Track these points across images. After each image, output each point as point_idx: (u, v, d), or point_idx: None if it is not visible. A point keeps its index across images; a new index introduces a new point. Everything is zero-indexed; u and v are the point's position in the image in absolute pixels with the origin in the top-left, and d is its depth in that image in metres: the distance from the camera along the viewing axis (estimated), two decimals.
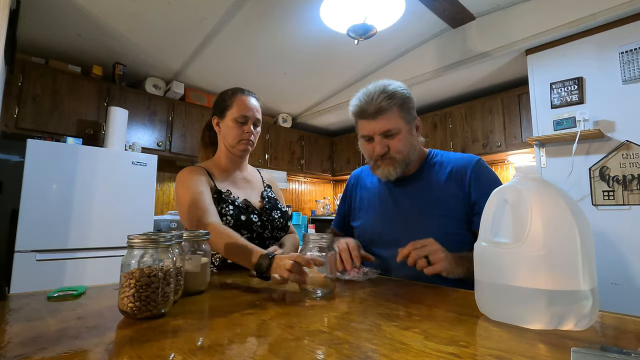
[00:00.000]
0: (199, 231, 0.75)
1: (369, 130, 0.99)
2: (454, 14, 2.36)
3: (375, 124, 0.97)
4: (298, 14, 2.34)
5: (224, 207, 1.10)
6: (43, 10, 2.17)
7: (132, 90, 2.90)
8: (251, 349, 0.42)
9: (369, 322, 0.53)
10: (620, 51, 1.96)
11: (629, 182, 1.89)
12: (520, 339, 0.46)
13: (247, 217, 1.11)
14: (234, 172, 1.24)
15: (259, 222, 1.14)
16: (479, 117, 2.97)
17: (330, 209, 4.55)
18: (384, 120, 0.96)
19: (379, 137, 0.98)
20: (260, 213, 1.16)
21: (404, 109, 0.98)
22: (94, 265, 2.26)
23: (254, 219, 1.13)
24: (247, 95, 1.21)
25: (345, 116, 3.86)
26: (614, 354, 0.31)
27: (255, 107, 1.21)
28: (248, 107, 1.18)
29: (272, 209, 1.19)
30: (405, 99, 0.99)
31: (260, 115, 1.22)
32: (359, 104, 0.99)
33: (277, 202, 1.25)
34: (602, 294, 1.92)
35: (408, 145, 1.00)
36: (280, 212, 1.22)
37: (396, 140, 0.98)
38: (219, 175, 1.19)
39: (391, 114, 0.96)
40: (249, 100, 1.20)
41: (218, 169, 1.21)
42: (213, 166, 1.21)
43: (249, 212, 1.13)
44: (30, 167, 2.12)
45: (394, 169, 0.99)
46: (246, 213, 1.12)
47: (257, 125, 1.22)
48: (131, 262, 0.55)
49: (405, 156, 1.00)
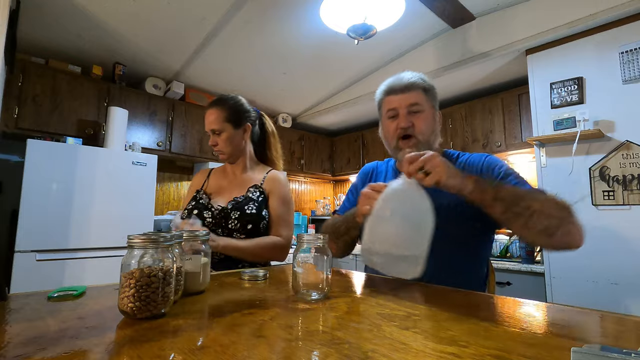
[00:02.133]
0: (199, 231, 0.76)
1: (396, 103, 1.00)
2: (454, 14, 2.36)
3: (402, 96, 1.00)
4: (298, 14, 2.33)
5: (190, 203, 1.29)
6: (43, 10, 2.17)
7: (132, 90, 2.90)
8: (251, 349, 0.42)
9: (369, 322, 0.53)
10: (620, 51, 1.96)
11: (629, 182, 1.89)
12: (520, 339, 0.46)
13: (199, 212, 1.23)
14: (232, 172, 1.37)
15: (211, 219, 1.22)
16: (479, 117, 2.97)
17: (330, 209, 4.55)
18: (413, 94, 0.99)
19: (405, 111, 0.99)
20: (216, 212, 1.23)
21: (429, 94, 1.03)
22: (94, 265, 2.26)
23: (206, 215, 1.23)
24: (207, 108, 1.30)
25: (345, 116, 3.86)
26: (614, 354, 0.31)
27: (210, 119, 1.28)
28: (206, 122, 1.29)
29: (234, 210, 1.21)
30: (431, 88, 1.04)
31: (217, 123, 1.28)
32: (388, 83, 1.04)
33: (247, 204, 1.23)
34: (602, 294, 1.92)
35: (431, 128, 1.01)
36: (241, 213, 1.20)
37: (421, 118, 0.99)
38: (216, 175, 1.39)
39: (418, 92, 1.00)
40: (207, 113, 1.29)
41: (222, 169, 1.41)
42: (222, 167, 1.42)
43: (206, 208, 1.24)
44: (30, 167, 2.12)
45: (416, 151, 0.99)
46: (201, 209, 1.24)
47: (217, 134, 1.29)
48: (131, 262, 0.55)
49: (427, 139, 1.00)
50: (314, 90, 3.54)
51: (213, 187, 1.35)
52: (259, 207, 1.24)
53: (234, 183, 1.33)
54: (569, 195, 2.06)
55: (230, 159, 1.33)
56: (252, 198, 1.25)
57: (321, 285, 0.69)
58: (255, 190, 1.28)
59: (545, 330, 0.50)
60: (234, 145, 1.30)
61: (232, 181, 1.35)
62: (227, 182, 1.35)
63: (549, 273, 2.09)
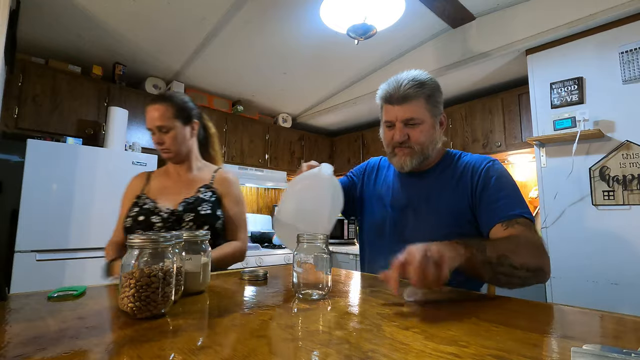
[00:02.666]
0: (200, 231, 0.76)
1: (392, 115, 0.97)
2: (454, 14, 2.36)
3: (399, 109, 0.96)
4: (298, 14, 2.33)
5: (132, 209, 1.18)
6: (43, 10, 2.17)
7: (132, 90, 2.90)
8: (251, 349, 0.42)
9: (369, 322, 0.53)
10: (620, 51, 1.96)
11: (629, 182, 1.89)
12: (520, 339, 0.46)
13: (146, 217, 1.14)
14: (177, 173, 1.29)
15: (161, 223, 1.13)
16: (479, 117, 2.97)
17: None
18: (409, 107, 0.95)
19: (401, 124, 0.96)
20: (166, 216, 1.14)
21: (431, 101, 0.97)
22: (94, 265, 2.26)
23: (155, 220, 1.13)
24: (150, 104, 1.19)
25: (345, 116, 3.86)
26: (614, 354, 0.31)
27: (155, 116, 1.17)
28: (148, 119, 1.19)
29: (186, 212, 1.15)
30: (434, 92, 0.98)
31: (165, 119, 1.18)
32: (387, 89, 0.98)
33: (200, 204, 1.17)
34: (602, 294, 1.92)
35: (429, 138, 0.98)
36: (195, 215, 1.15)
37: (418, 130, 0.96)
38: (158, 177, 1.30)
39: (417, 102, 0.95)
40: (150, 110, 1.18)
41: (164, 170, 1.32)
42: (163, 168, 1.33)
43: (153, 213, 1.15)
44: (30, 167, 2.12)
45: (410, 159, 0.98)
46: (147, 214, 1.15)
47: (164, 131, 1.19)
48: (131, 262, 0.55)
49: (423, 148, 0.98)
50: (314, 90, 3.54)
51: (156, 190, 1.25)
52: (213, 207, 1.19)
53: (180, 184, 1.25)
54: (569, 196, 2.06)
55: (176, 158, 1.24)
56: (204, 198, 1.19)
57: (321, 285, 0.69)
58: (206, 190, 1.22)
59: (545, 330, 0.50)
60: (183, 143, 1.23)
61: (177, 182, 1.26)
62: (172, 183, 1.26)
63: None
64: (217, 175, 1.29)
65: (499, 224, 0.87)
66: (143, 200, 1.19)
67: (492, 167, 0.97)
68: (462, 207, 0.95)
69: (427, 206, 0.99)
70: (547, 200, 2.15)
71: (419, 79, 0.96)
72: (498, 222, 0.88)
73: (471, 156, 1.04)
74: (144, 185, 1.27)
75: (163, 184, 1.27)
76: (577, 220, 2.03)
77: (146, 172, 1.33)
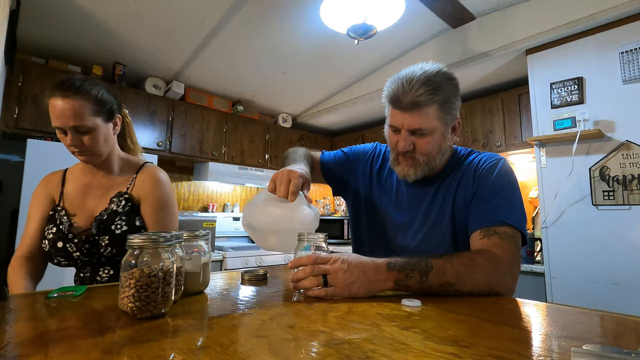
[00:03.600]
0: (200, 231, 0.75)
1: (399, 122, 0.86)
2: (454, 14, 2.36)
3: (407, 117, 0.84)
4: (298, 14, 2.33)
5: (49, 227, 0.97)
6: (43, 10, 2.17)
7: (132, 90, 2.90)
8: (251, 349, 0.42)
9: (369, 322, 0.53)
10: (620, 51, 1.96)
11: (629, 182, 1.89)
12: (520, 339, 0.46)
13: (63, 244, 0.94)
14: (93, 176, 1.06)
15: (77, 253, 0.94)
16: (479, 117, 2.97)
17: (330, 209, 4.54)
18: (418, 116, 0.83)
19: (407, 133, 0.86)
20: (81, 240, 0.94)
21: (445, 108, 0.85)
22: None
23: (71, 248, 0.93)
24: (57, 96, 0.93)
25: (345, 116, 3.86)
26: (614, 354, 0.31)
27: (68, 113, 0.92)
28: (57, 115, 0.93)
29: (100, 234, 0.95)
30: (450, 97, 0.85)
31: (79, 119, 0.92)
32: (395, 89, 0.85)
33: (113, 221, 0.97)
34: (602, 294, 1.92)
35: (437, 148, 0.88)
36: (110, 237, 0.95)
37: (425, 141, 0.86)
38: (74, 180, 1.07)
39: (428, 110, 0.83)
40: (59, 103, 0.93)
41: (81, 168, 1.08)
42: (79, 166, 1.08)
43: (68, 239, 0.95)
44: (30, 167, 2.12)
45: (414, 171, 0.90)
46: (64, 239, 0.94)
47: (83, 131, 0.94)
48: (131, 262, 0.55)
49: (430, 160, 0.89)
50: (314, 90, 3.54)
51: (73, 199, 1.03)
52: (128, 221, 1.00)
53: (99, 190, 1.05)
54: (569, 196, 2.06)
55: (97, 161, 1.02)
56: (118, 211, 1.00)
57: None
58: (120, 199, 1.02)
59: (545, 330, 0.50)
60: (105, 144, 1.00)
61: (94, 188, 1.05)
62: (89, 189, 1.05)
63: (549, 273, 2.09)
64: (139, 175, 1.08)
65: (477, 231, 0.83)
66: (60, 216, 1.00)
67: (493, 167, 0.91)
68: (463, 213, 0.91)
69: (430, 212, 0.95)
70: (547, 200, 2.15)
71: (433, 81, 0.82)
72: (478, 229, 0.83)
73: (478, 155, 0.97)
74: (60, 190, 1.05)
75: (80, 190, 1.05)
76: (577, 220, 2.03)
77: (62, 171, 1.10)
